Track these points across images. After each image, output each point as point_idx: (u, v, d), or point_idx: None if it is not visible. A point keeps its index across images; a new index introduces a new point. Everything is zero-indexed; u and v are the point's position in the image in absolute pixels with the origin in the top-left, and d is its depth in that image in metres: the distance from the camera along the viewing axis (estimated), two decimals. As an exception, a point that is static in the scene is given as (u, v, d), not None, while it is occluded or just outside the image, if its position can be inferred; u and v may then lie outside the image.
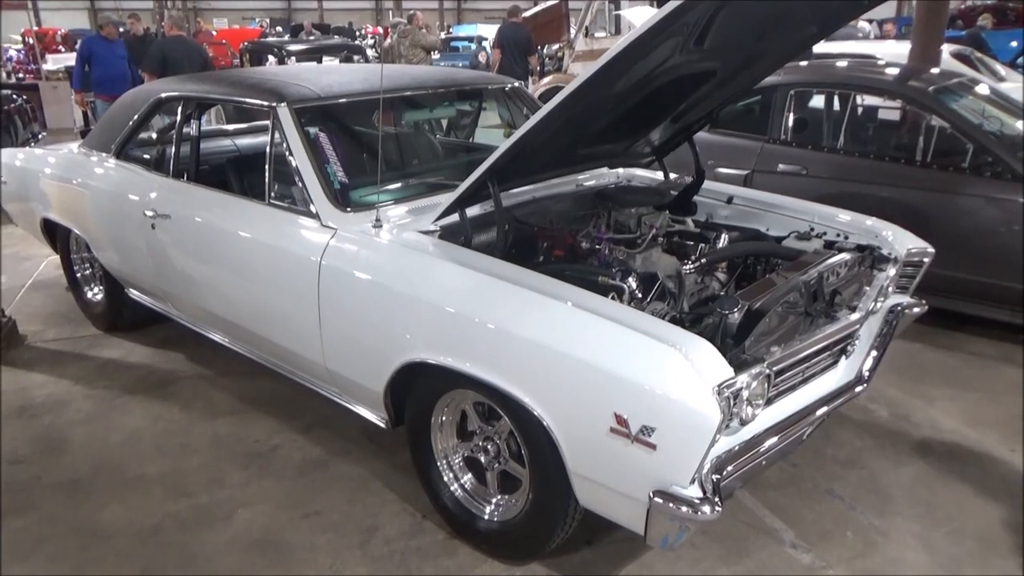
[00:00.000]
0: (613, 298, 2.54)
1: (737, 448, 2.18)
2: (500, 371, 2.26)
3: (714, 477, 2.02)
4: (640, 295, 2.64)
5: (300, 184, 2.93)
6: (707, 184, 3.60)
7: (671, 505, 1.95)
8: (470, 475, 2.67)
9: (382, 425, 2.82)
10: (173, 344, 4.14)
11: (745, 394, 2.10)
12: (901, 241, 3.12)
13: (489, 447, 2.56)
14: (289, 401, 3.52)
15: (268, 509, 2.85)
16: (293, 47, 11.48)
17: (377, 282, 2.61)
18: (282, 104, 3.06)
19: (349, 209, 2.86)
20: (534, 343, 2.19)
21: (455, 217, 2.71)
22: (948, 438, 3.32)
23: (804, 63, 6.13)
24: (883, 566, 2.54)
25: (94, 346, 4.23)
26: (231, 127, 4.73)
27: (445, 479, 2.67)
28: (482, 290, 2.38)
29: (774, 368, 2.24)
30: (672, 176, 3.63)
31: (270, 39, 13.13)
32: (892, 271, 3.03)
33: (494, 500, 2.59)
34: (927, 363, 4.05)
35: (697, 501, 1.95)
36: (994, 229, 4.06)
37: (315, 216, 2.87)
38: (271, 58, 10.88)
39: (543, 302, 2.25)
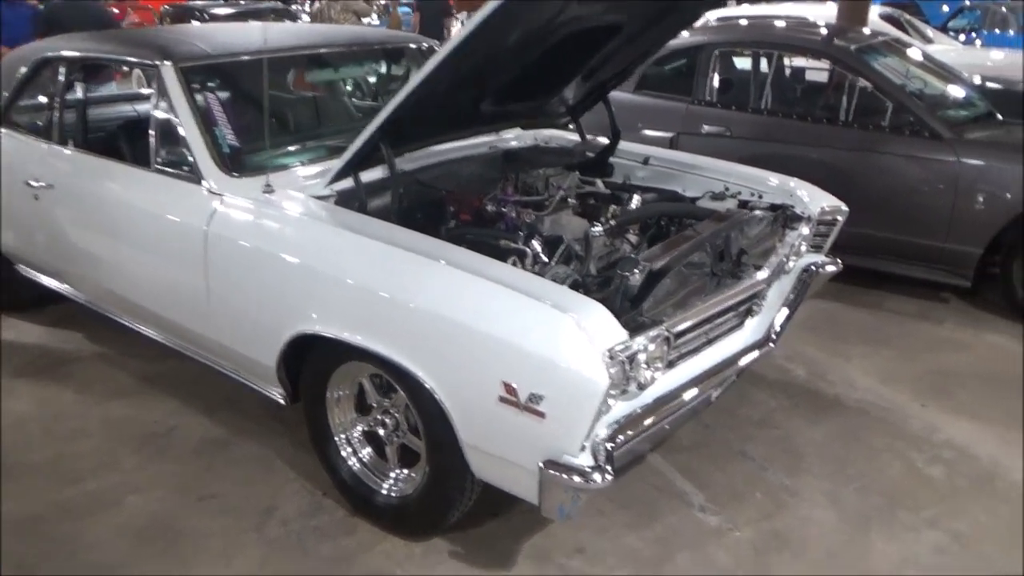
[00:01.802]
0: (514, 263, 2.44)
1: (638, 413, 2.10)
2: (388, 341, 2.15)
3: (608, 445, 1.94)
4: (545, 259, 2.54)
5: (186, 148, 2.75)
6: (624, 145, 3.50)
7: (561, 475, 1.87)
8: (369, 449, 2.55)
9: (282, 401, 2.69)
10: (71, 323, 3.90)
11: (642, 357, 2.02)
12: (815, 200, 3.08)
13: (387, 420, 2.44)
14: (193, 380, 3.34)
15: (161, 494, 2.70)
16: (217, 10, 11.01)
17: (263, 250, 2.46)
18: (166, 63, 2.85)
19: (236, 174, 2.68)
20: (420, 310, 2.08)
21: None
22: (862, 396, 3.32)
23: (735, 23, 6.07)
24: (791, 526, 2.52)
25: (-17, 328, 3.98)
26: (132, 92, 4.47)
27: (343, 454, 2.55)
28: (370, 257, 2.26)
29: (674, 330, 2.16)
30: (588, 137, 3.53)
31: (194, 1, 12.57)
32: (805, 230, 2.99)
33: (392, 475, 2.48)
34: (846, 321, 4.06)
35: (588, 470, 1.88)
36: (915, 188, 4.06)
37: (201, 182, 2.69)
38: (194, 22, 10.41)
39: (431, 268, 2.13)
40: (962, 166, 3.87)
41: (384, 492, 2.47)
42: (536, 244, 2.59)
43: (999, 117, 4.35)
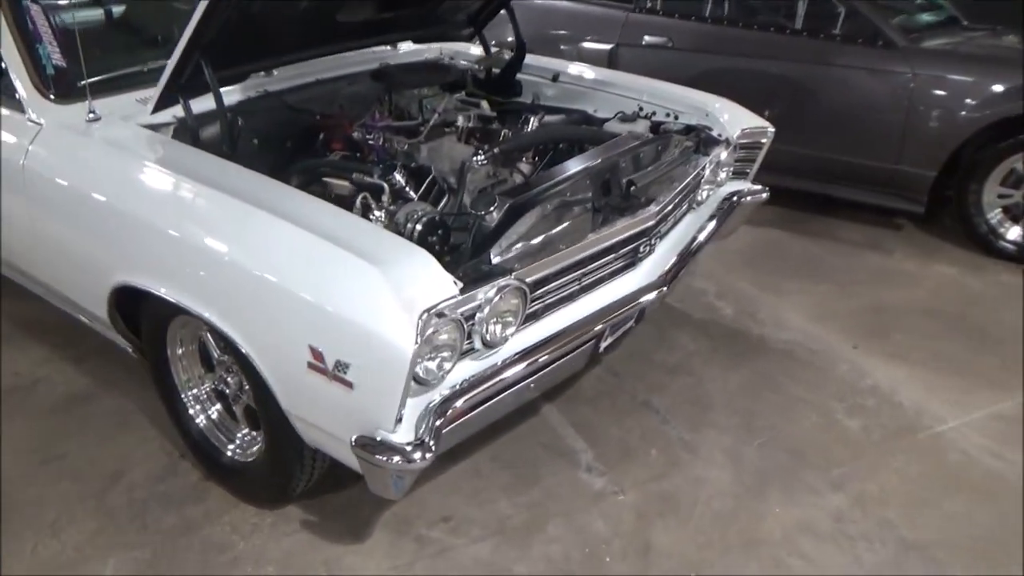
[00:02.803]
0: (364, 200, 2.13)
1: (483, 374, 1.83)
2: (202, 299, 1.87)
3: (433, 419, 1.67)
4: (412, 194, 2.23)
5: (6, 68, 2.39)
6: (534, 60, 3.14)
7: (373, 454, 1.62)
8: (219, 406, 2.30)
9: (133, 355, 2.43)
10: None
11: (485, 312, 1.74)
12: (735, 121, 2.75)
13: (230, 379, 2.18)
14: (70, 325, 3.06)
15: (8, 457, 2.46)
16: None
17: (76, 190, 2.14)
18: None
19: (58, 99, 2.33)
20: (232, 264, 1.78)
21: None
22: (790, 337, 3.06)
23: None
24: (681, 487, 2.29)
25: None
26: None
27: (191, 412, 2.30)
28: (182, 200, 1.94)
29: (529, 279, 1.87)
30: (495, 51, 3.15)
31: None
32: (723, 154, 2.67)
33: (239, 435, 2.24)
34: (787, 252, 3.77)
35: (406, 447, 1.62)
36: (866, 104, 3.69)
37: (21, 108, 2.35)
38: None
39: (247, 215, 1.81)
40: (916, 78, 3.50)
41: (229, 453, 2.24)
42: (399, 177, 2.28)
43: (964, 23, 3.93)
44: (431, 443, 1.64)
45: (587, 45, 4.39)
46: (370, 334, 1.54)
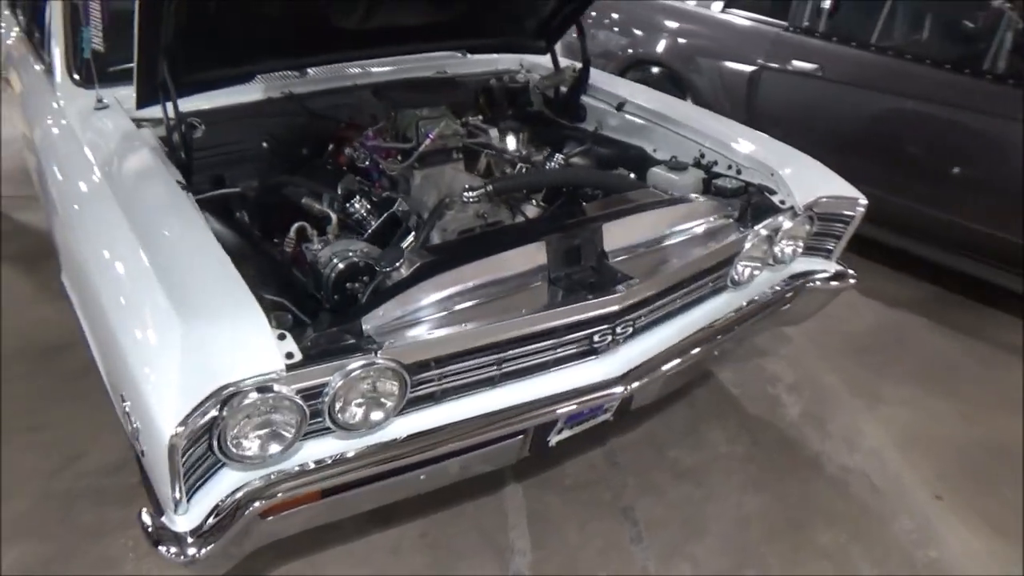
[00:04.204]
0: (301, 228, 1.93)
1: (325, 463, 1.54)
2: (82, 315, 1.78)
3: (243, 511, 1.43)
4: (372, 224, 2.02)
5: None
6: (605, 82, 2.75)
7: (150, 535, 1.42)
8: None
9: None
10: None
11: (329, 395, 1.47)
12: (812, 186, 2.20)
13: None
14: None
15: (4, 419, 2.57)
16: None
17: (48, 164, 2.14)
18: None
19: (83, 83, 2.38)
20: (82, 269, 1.70)
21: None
22: (854, 462, 2.42)
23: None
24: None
25: None
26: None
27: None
28: (83, 192, 1.90)
29: (412, 359, 1.55)
30: (565, 65, 2.79)
31: None
32: (786, 224, 2.13)
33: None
34: (916, 348, 3.03)
35: (182, 537, 1.39)
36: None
37: (54, 88, 2.42)
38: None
39: (111, 225, 1.71)
40: None
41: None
42: (359, 207, 2.06)
43: None
44: (217, 538, 1.40)
45: (729, 65, 3.82)
46: (145, 401, 1.34)
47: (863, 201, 2.23)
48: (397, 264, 1.67)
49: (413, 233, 2.05)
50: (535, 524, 2.15)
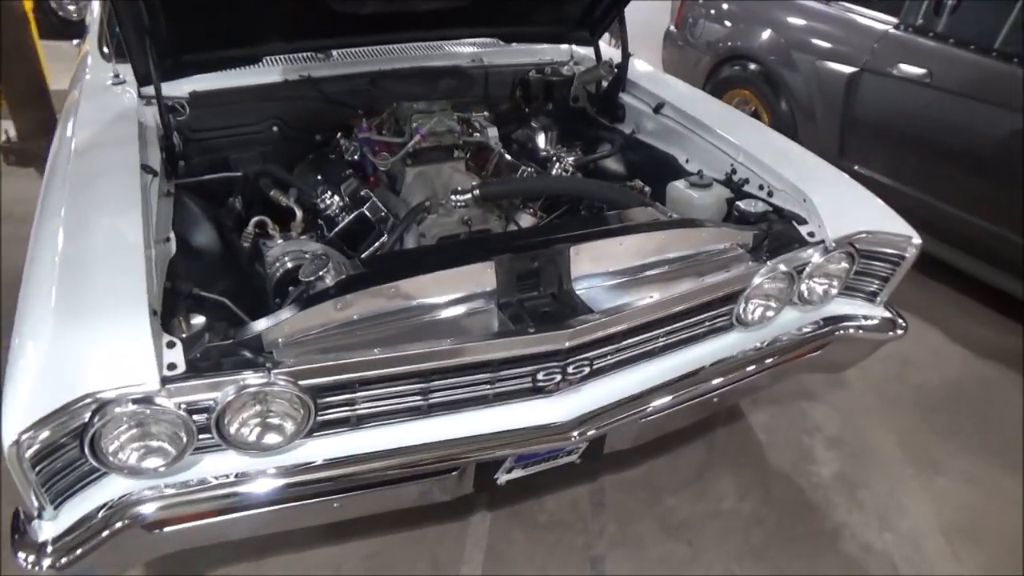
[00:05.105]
0: (260, 223, 1.85)
1: (209, 483, 1.43)
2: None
3: (113, 524, 1.35)
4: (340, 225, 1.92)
5: None
6: (647, 79, 2.50)
7: (12, 541, 1.36)
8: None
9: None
10: None
11: (216, 410, 1.37)
12: (851, 218, 1.86)
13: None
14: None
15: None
16: None
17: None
18: None
19: (105, 54, 2.42)
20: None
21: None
22: (883, 542, 2.07)
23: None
24: None
25: None
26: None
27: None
28: (47, 185, 1.85)
29: (315, 380, 1.41)
30: (606, 60, 2.55)
31: None
32: (816, 259, 1.83)
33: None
34: (999, 412, 2.57)
35: (40, 546, 1.33)
36: None
37: (87, 60, 2.48)
38: None
39: (53, 200, 1.68)
40: None
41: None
42: (331, 202, 1.95)
43: None
44: (81, 549, 1.33)
45: (828, 64, 3.39)
46: (2, 400, 1.28)
47: (916, 240, 1.87)
48: (320, 274, 1.54)
49: (384, 236, 1.91)
50: (492, 560, 1.98)
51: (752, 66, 3.86)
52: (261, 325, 1.42)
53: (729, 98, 4.00)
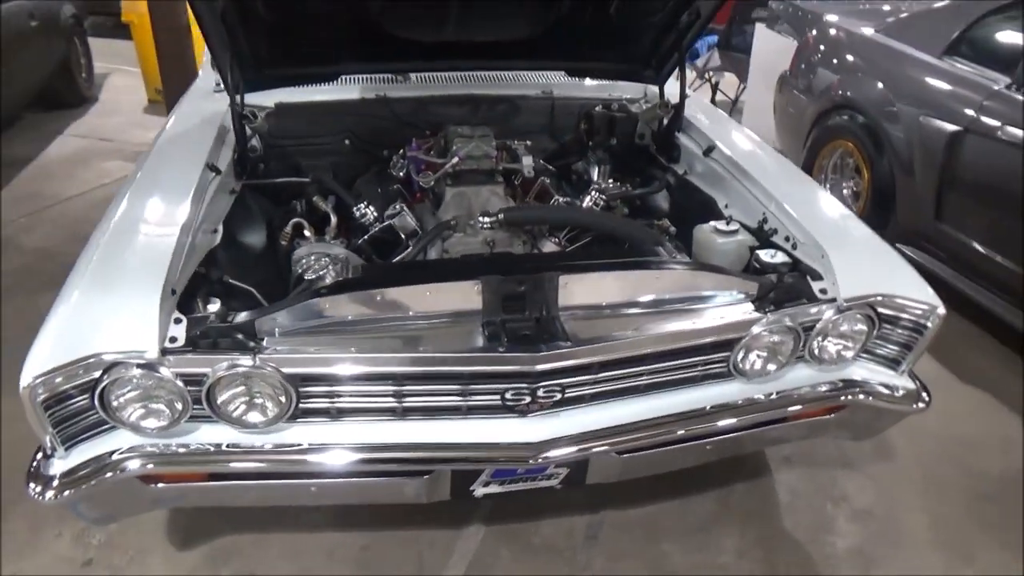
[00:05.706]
0: (297, 224, 2.03)
1: (204, 448, 1.60)
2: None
3: (115, 472, 1.54)
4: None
5: None
6: (705, 121, 2.50)
7: (28, 470, 1.58)
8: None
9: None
10: None
11: (206, 384, 1.54)
12: (864, 279, 1.80)
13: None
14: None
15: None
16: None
17: None
18: None
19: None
20: None
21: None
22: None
23: None
24: None
25: None
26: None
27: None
28: (135, 170, 2.12)
29: (298, 369, 1.55)
30: (666, 99, 2.58)
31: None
32: (828, 316, 1.78)
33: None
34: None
35: (50, 477, 1.54)
36: None
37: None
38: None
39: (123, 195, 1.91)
40: None
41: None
42: (365, 211, 2.12)
43: None
44: (81, 485, 1.53)
45: (930, 120, 3.22)
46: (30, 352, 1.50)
47: (941, 311, 1.77)
48: (321, 274, 1.68)
49: (409, 248, 2.05)
50: (473, 572, 2.04)
51: (860, 118, 3.72)
52: (256, 314, 1.58)
53: (831, 149, 3.87)
